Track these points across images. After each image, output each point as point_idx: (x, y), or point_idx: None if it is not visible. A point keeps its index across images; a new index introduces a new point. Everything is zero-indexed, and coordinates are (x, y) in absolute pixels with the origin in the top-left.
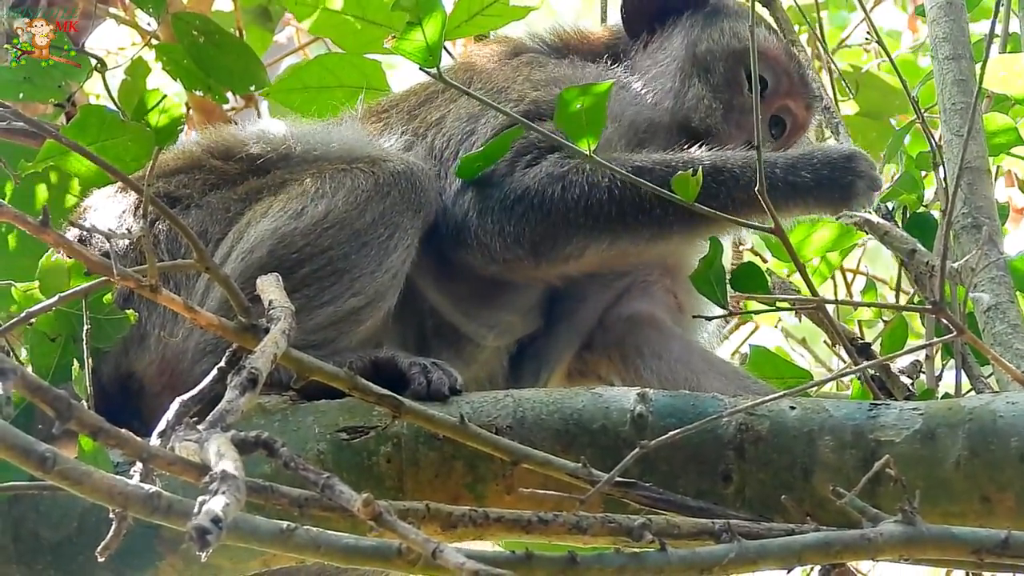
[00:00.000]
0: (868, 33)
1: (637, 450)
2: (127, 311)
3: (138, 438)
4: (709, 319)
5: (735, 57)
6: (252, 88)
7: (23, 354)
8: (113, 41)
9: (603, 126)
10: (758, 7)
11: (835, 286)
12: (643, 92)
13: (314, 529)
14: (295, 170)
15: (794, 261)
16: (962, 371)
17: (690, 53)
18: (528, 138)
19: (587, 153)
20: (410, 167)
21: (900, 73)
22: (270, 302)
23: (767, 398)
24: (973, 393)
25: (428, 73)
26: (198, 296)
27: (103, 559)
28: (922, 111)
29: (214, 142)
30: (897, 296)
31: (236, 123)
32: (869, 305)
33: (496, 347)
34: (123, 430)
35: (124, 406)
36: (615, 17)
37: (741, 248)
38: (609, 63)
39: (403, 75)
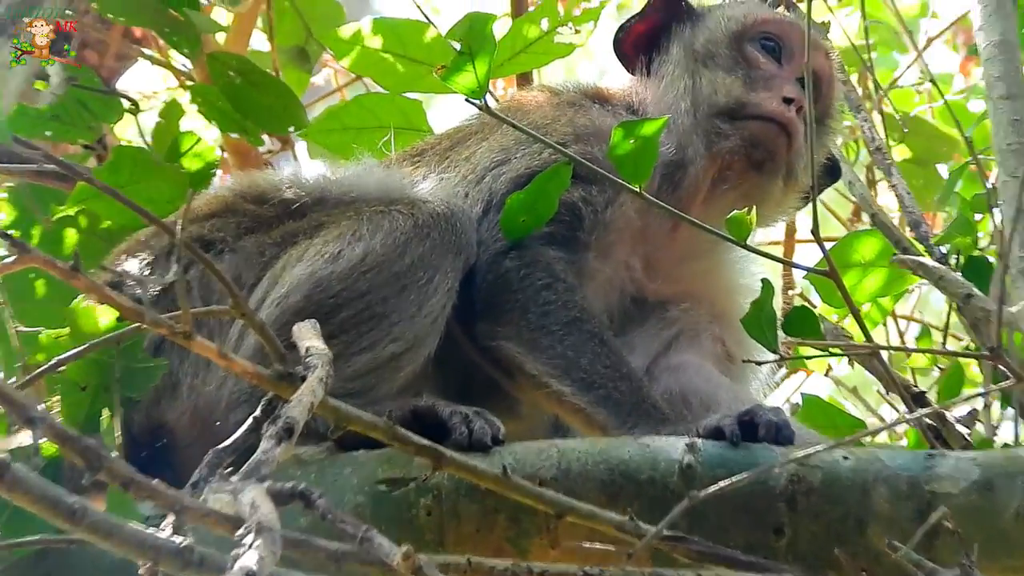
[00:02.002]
0: (921, 73)
1: (685, 502)
2: (159, 359)
3: (170, 489)
4: (760, 363)
5: (735, 37)
6: (292, 128)
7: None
8: (147, 83)
9: (654, 164)
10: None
11: (887, 332)
12: (660, 113)
13: None
14: (332, 213)
15: (848, 305)
16: (1020, 420)
17: (689, 52)
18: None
19: (636, 190)
20: (450, 208)
21: (954, 113)
22: (307, 349)
23: (819, 447)
24: None
25: (474, 104)
26: (232, 343)
27: None
28: (976, 153)
29: (247, 187)
30: (945, 339)
31: (271, 166)
32: (925, 351)
33: None
34: (155, 481)
35: (155, 457)
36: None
37: (791, 293)
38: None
39: (441, 113)
